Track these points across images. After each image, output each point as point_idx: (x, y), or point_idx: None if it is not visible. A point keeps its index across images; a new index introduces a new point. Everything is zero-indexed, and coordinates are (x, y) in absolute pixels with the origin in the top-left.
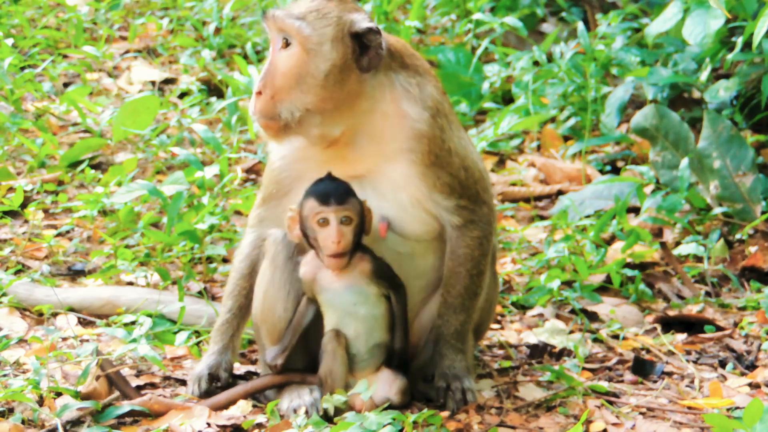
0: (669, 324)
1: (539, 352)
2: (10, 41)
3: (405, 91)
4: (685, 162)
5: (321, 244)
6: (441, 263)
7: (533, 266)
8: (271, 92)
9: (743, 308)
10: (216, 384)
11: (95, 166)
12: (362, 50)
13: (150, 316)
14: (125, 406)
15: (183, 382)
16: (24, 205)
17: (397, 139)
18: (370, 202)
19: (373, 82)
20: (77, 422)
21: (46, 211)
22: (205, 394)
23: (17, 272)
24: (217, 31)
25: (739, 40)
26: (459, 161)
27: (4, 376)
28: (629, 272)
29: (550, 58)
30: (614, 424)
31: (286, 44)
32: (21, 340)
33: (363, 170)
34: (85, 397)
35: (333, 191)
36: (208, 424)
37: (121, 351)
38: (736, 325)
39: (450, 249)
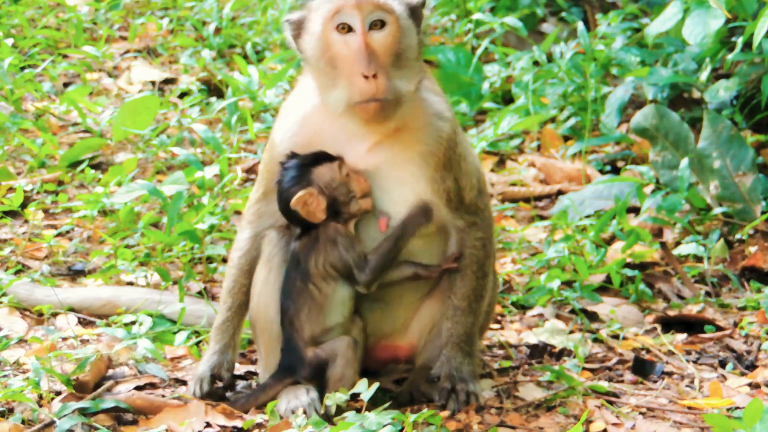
0: (669, 324)
1: (539, 352)
2: (10, 41)
3: (425, 87)
4: (685, 162)
5: (358, 190)
6: (436, 260)
7: (533, 266)
8: (385, 72)
9: (743, 308)
10: (218, 384)
11: (95, 166)
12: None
13: (150, 316)
14: (109, 401)
15: (183, 382)
16: (24, 205)
17: (420, 140)
18: (372, 196)
19: None
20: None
21: (46, 211)
22: (207, 395)
23: (17, 272)
24: (217, 31)
25: (739, 40)
26: (465, 165)
27: (4, 376)
28: (629, 272)
29: (550, 58)
30: (614, 424)
31: (382, 24)
32: (21, 340)
33: (370, 162)
34: (77, 386)
35: (323, 152)
36: (209, 424)
37: (121, 347)
38: (736, 325)
39: (453, 251)
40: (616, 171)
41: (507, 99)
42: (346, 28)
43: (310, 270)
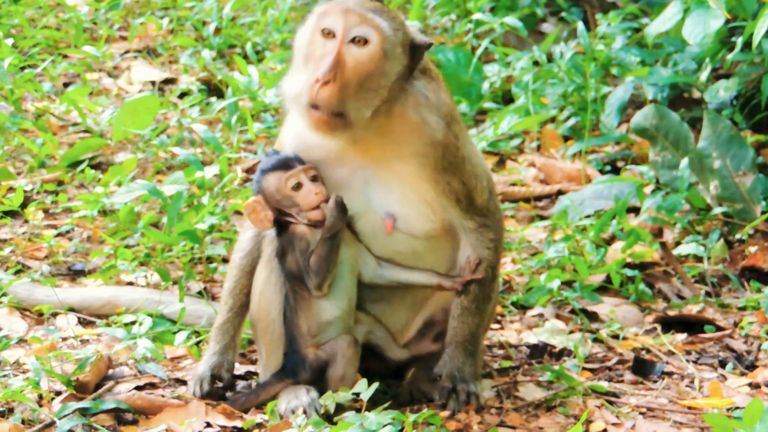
0: (669, 324)
1: (539, 352)
2: (10, 41)
3: (424, 97)
4: (685, 162)
5: (303, 204)
6: (441, 262)
7: (533, 266)
8: (340, 84)
9: (743, 308)
10: (218, 385)
11: (95, 166)
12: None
13: (150, 316)
14: (110, 401)
15: (183, 382)
16: (24, 205)
17: (412, 143)
18: (378, 198)
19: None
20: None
21: (46, 211)
22: (207, 396)
23: (17, 272)
24: (217, 31)
25: (739, 40)
26: (471, 168)
27: (4, 376)
28: (629, 272)
29: (550, 58)
30: (614, 424)
31: (365, 42)
32: (21, 340)
33: (373, 166)
34: (77, 386)
35: (289, 157)
36: (209, 424)
37: (121, 347)
38: (736, 325)
39: (466, 253)
40: (616, 171)
41: (507, 99)
42: (331, 34)
43: (284, 270)
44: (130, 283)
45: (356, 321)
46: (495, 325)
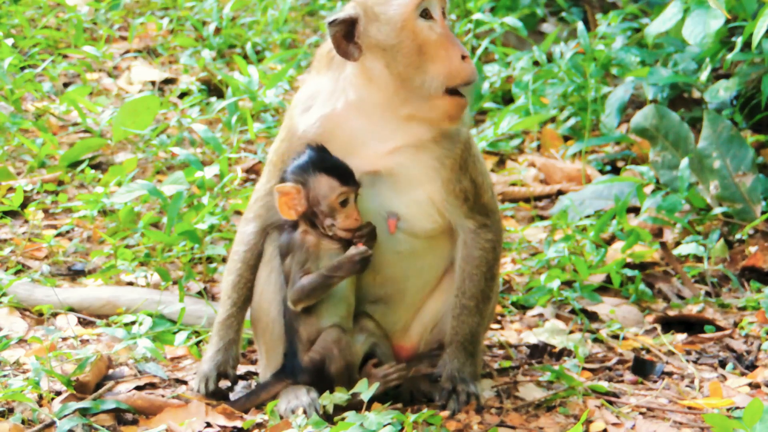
0: (669, 324)
1: (539, 352)
2: (10, 41)
3: None
4: (685, 162)
5: (340, 221)
6: (440, 261)
7: (533, 266)
8: None
9: (743, 308)
10: (223, 382)
11: (95, 166)
12: None
13: (150, 316)
14: (110, 401)
15: (183, 382)
16: (24, 205)
17: (439, 143)
18: (383, 197)
19: None
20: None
21: (46, 211)
22: (212, 395)
23: (17, 272)
24: (217, 31)
25: (739, 40)
26: (479, 166)
27: (4, 376)
28: (629, 272)
29: (550, 58)
30: (614, 424)
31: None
32: (21, 340)
33: (387, 164)
34: (77, 386)
35: (348, 169)
36: (209, 424)
37: (121, 347)
38: (736, 325)
39: (466, 252)
40: (616, 171)
41: (507, 99)
42: (428, 15)
43: (283, 271)
44: (130, 283)
45: (361, 328)
46: (495, 325)
